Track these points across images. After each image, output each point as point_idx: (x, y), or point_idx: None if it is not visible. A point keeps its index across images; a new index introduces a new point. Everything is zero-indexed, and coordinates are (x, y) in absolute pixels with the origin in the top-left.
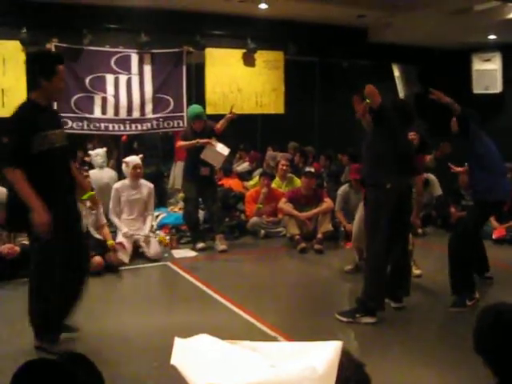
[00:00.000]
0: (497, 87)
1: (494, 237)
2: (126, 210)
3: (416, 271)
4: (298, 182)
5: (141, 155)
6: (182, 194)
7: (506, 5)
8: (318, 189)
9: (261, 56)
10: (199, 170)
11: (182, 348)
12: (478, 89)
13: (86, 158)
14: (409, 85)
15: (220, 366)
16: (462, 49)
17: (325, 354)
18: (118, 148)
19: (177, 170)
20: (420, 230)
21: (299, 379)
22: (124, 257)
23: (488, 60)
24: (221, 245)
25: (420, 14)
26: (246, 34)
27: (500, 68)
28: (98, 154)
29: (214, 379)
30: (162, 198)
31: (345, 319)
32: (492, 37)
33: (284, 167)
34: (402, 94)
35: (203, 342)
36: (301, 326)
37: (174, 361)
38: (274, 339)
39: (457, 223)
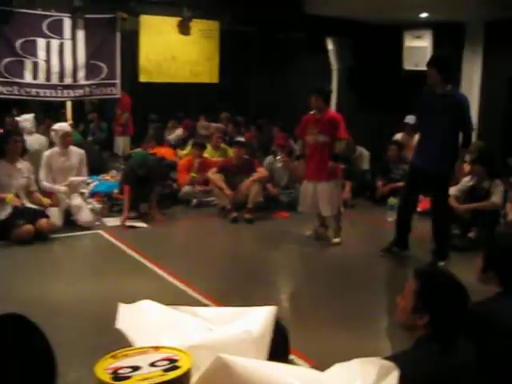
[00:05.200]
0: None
1: (418, 209)
2: (57, 177)
3: (335, 239)
4: (231, 152)
5: (70, 122)
6: None
7: None
8: (250, 158)
9: (196, 25)
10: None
11: (126, 313)
12: (408, 65)
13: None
14: (342, 58)
15: (163, 330)
16: (395, 25)
17: (259, 317)
18: (48, 114)
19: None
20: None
21: (236, 341)
22: (56, 220)
23: (419, 37)
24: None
25: None
26: (182, 1)
27: (430, 46)
28: (26, 119)
29: (158, 341)
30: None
31: None
32: (424, 15)
33: (219, 140)
34: (334, 68)
35: (146, 307)
36: (232, 293)
37: (118, 325)
38: (207, 306)
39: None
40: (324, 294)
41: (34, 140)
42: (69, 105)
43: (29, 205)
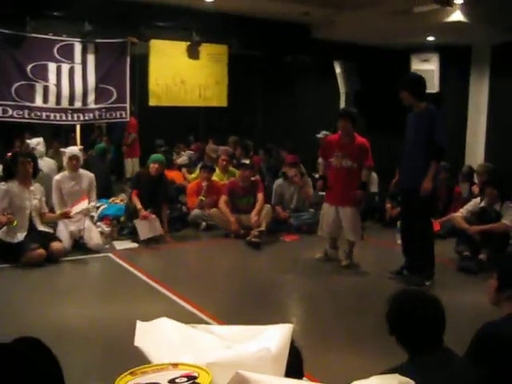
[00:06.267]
0: (434, 87)
1: None
2: (68, 201)
3: (345, 262)
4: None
5: (81, 146)
6: None
7: (445, 8)
8: (255, 180)
9: (205, 49)
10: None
11: (144, 330)
12: None
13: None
14: (349, 82)
15: (181, 347)
16: (402, 48)
17: (277, 335)
18: (58, 137)
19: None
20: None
21: (254, 359)
22: (65, 243)
23: (426, 60)
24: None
25: (362, 13)
26: (191, 26)
27: (437, 69)
28: (39, 142)
29: (176, 358)
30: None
31: None
32: (430, 38)
33: (224, 162)
34: (342, 91)
35: (163, 325)
36: (241, 316)
37: (137, 342)
38: None
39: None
40: (334, 316)
41: (43, 164)
42: (78, 129)
43: (41, 227)
